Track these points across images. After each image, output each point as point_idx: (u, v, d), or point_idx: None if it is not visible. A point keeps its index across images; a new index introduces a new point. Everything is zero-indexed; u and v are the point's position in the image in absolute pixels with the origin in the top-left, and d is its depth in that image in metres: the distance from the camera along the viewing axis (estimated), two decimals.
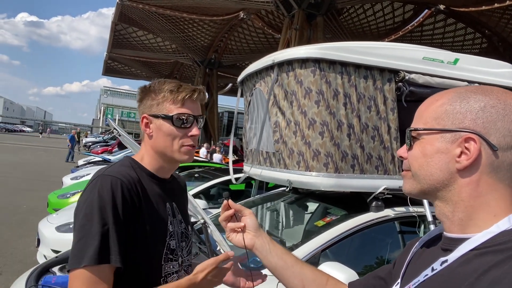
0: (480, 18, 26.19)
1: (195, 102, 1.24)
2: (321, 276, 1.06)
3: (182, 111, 1.20)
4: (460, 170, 0.72)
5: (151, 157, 1.26)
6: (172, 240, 1.23)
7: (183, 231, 1.31)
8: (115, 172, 1.16)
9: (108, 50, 37.33)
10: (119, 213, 1.08)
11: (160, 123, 1.21)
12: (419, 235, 2.82)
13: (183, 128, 1.21)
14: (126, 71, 47.60)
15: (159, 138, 1.22)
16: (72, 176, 9.53)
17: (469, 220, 0.72)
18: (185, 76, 46.26)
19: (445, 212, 0.75)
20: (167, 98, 1.20)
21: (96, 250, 1.03)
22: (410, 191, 0.80)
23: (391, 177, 2.72)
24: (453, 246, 0.73)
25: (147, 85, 1.26)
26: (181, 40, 32.90)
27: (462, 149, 0.71)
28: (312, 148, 2.57)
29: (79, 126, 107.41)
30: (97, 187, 1.10)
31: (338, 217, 2.72)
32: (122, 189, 1.10)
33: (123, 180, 1.13)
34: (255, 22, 29.38)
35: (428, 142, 0.75)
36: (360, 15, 28.23)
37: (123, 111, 76.62)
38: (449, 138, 0.73)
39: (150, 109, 1.23)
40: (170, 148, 1.21)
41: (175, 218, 1.28)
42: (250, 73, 3.19)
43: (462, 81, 2.86)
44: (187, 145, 1.23)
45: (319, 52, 2.55)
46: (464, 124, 0.71)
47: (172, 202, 1.29)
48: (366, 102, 2.65)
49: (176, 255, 1.24)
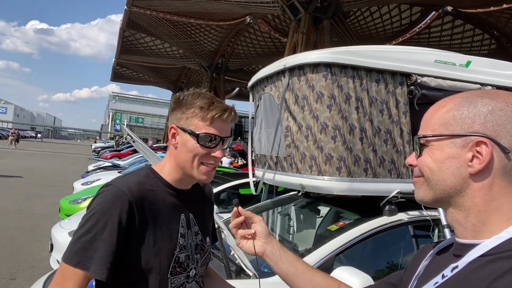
0: (488, 19, 26.00)
1: (225, 122, 1.21)
2: (332, 282, 1.06)
3: (209, 131, 1.18)
4: (472, 174, 0.71)
5: (173, 167, 1.24)
6: (182, 253, 1.21)
7: (199, 243, 1.29)
8: (125, 183, 1.15)
9: (117, 56, 37.75)
10: (115, 227, 1.07)
11: (186, 137, 1.19)
12: (433, 239, 2.80)
13: (207, 148, 1.19)
14: (134, 77, 48.05)
15: (182, 152, 1.21)
16: (82, 181, 9.62)
17: (482, 225, 0.72)
18: (192, 81, 46.53)
19: (458, 218, 0.75)
20: (196, 114, 1.18)
21: (76, 252, 1.06)
22: (423, 198, 0.80)
23: (404, 180, 2.70)
24: (464, 252, 0.72)
25: (181, 96, 1.24)
26: (188, 45, 33.14)
27: (474, 153, 0.71)
28: (325, 152, 2.57)
29: (88, 132, 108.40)
30: (102, 197, 1.12)
31: (351, 221, 2.71)
32: (123, 203, 1.10)
33: (127, 194, 1.11)
34: (262, 27, 29.49)
35: (438, 148, 0.75)
36: (366, 18, 28.18)
37: (131, 116, 77.22)
38: (460, 143, 0.73)
39: (179, 122, 1.21)
40: (190, 164, 1.20)
41: (189, 230, 1.26)
42: (260, 78, 3.21)
43: (475, 84, 2.84)
44: (207, 165, 1.21)
45: (330, 57, 2.56)
46: (474, 128, 0.71)
47: (189, 213, 1.28)
48: (378, 105, 2.65)
49: (184, 268, 1.22)
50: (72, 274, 1.06)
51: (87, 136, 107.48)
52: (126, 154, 21.01)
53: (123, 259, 1.11)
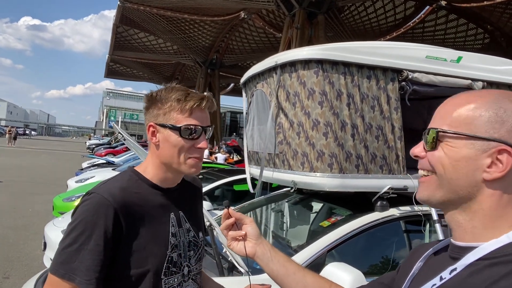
0: (482, 13, 26.07)
1: (204, 111, 1.18)
2: (324, 283, 1.04)
3: (190, 122, 1.15)
4: (487, 180, 0.69)
5: (156, 167, 1.21)
6: (174, 252, 1.19)
7: (191, 239, 1.27)
8: (107, 190, 1.12)
9: (110, 52, 37.48)
10: (101, 236, 1.05)
11: (167, 133, 1.16)
12: (424, 234, 2.82)
13: (191, 140, 1.16)
14: (128, 73, 47.76)
15: (165, 149, 1.17)
16: (76, 179, 9.57)
17: (483, 229, 0.71)
18: (187, 77, 46.34)
19: (459, 219, 0.73)
20: (174, 107, 1.15)
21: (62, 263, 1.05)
22: (429, 197, 0.76)
23: (395, 176, 2.71)
24: (461, 255, 0.71)
25: (154, 93, 1.20)
26: (183, 41, 32.97)
27: (493, 160, 0.68)
28: (316, 149, 2.57)
29: (82, 129, 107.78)
30: (85, 206, 1.09)
31: (343, 217, 2.72)
32: (107, 211, 1.07)
33: (111, 201, 1.08)
34: (256, 22, 29.38)
35: (456, 146, 0.71)
36: (361, 12, 28.16)
37: (126, 112, 76.89)
38: (480, 147, 0.69)
39: (157, 118, 1.18)
40: (177, 159, 1.17)
41: (181, 228, 1.24)
42: (252, 75, 3.20)
43: (466, 79, 2.86)
44: (193, 157, 1.18)
45: (321, 53, 2.55)
46: (500, 134, 0.68)
47: (178, 211, 1.26)
48: (370, 102, 2.65)
49: (178, 267, 1.20)
50: (59, 285, 1.04)
51: (81, 133, 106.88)
52: (120, 151, 20.90)
53: (113, 266, 1.08)
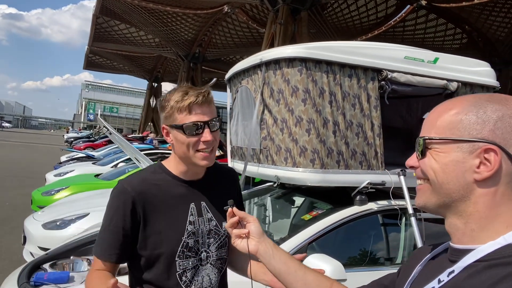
0: (460, 14, 26.69)
1: (203, 106, 1.27)
2: (325, 281, 1.06)
3: (190, 119, 1.25)
4: (478, 180, 0.71)
5: (177, 162, 1.36)
6: (191, 238, 1.33)
7: (213, 228, 1.39)
8: (129, 181, 1.32)
9: (89, 44, 36.66)
10: (120, 219, 1.26)
11: (175, 133, 1.29)
12: (400, 227, 2.95)
13: (195, 136, 1.27)
14: (108, 65, 46.81)
15: (177, 146, 1.31)
16: (55, 172, 9.41)
17: (481, 231, 0.72)
18: (168, 70, 45.78)
19: (457, 223, 0.75)
20: (174, 108, 1.26)
21: (97, 245, 1.32)
22: (426, 203, 0.79)
23: (374, 172, 2.83)
24: (459, 257, 0.73)
25: (161, 98, 1.34)
26: (165, 34, 32.53)
27: (481, 160, 0.70)
28: (299, 145, 2.65)
29: (59, 122, 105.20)
30: (112, 194, 1.32)
31: (324, 211, 2.82)
32: (126, 198, 1.26)
33: (130, 190, 1.28)
34: (240, 16, 29.25)
35: (444, 151, 0.74)
36: (343, 10, 28.40)
37: (105, 105, 75.48)
38: (467, 149, 0.71)
39: (165, 121, 1.31)
40: (188, 154, 1.29)
41: (201, 217, 1.37)
42: (237, 71, 3.25)
43: (442, 80, 2.99)
44: (202, 151, 1.29)
45: (305, 52, 2.63)
46: (483, 134, 0.70)
47: (200, 201, 1.38)
48: (351, 100, 2.75)
49: (194, 252, 1.34)
50: (96, 261, 1.31)
51: (58, 126, 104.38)
52: (100, 144, 20.59)
53: (135, 246, 1.30)
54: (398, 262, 2.86)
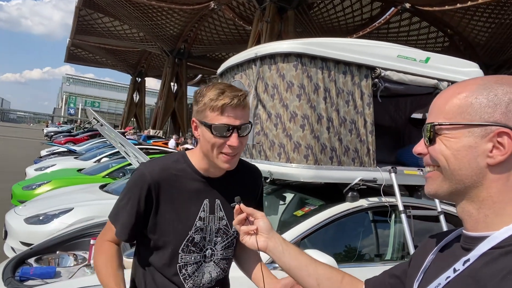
0: (443, 17, 27.27)
1: (236, 109, 1.22)
2: (336, 274, 1.04)
3: (220, 121, 1.22)
4: (491, 165, 0.69)
5: (200, 157, 1.34)
6: (197, 234, 1.32)
7: (222, 227, 1.38)
8: (150, 166, 1.33)
9: (72, 36, 35.92)
10: (135, 203, 1.29)
11: (203, 129, 1.27)
12: (390, 224, 2.98)
13: (222, 138, 1.23)
14: (91, 59, 45.97)
15: (203, 142, 1.29)
16: (36, 167, 9.18)
17: (495, 216, 0.70)
18: (153, 65, 45.26)
19: (470, 210, 0.73)
20: (207, 106, 1.23)
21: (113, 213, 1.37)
22: (437, 190, 0.77)
23: (366, 168, 2.85)
24: (473, 245, 0.71)
25: (198, 90, 1.32)
26: (149, 29, 32.13)
27: (494, 144, 0.68)
28: (293, 140, 2.65)
29: (39, 115, 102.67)
30: (133, 176, 1.34)
31: (316, 207, 2.82)
32: (143, 184, 1.28)
33: (148, 177, 1.29)
34: (226, 13, 29.13)
35: (454, 137, 0.72)
36: (329, 10, 28.65)
37: (87, 100, 74.01)
38: (479, 133, 0.69)
39: (196, 115, 1.29)
40: (211, 154, 1.27)
41: (212, 215, 1.36)
42: (230, 66, 3.22)
43: (433, 79, 3.03)
44: (225, 154, 1.26)
45: (301, 47, 2.62)
46: (495, 118, 0.68)
47: (215, 199, 1.36)
48: (345, 96, 2.76)
49: (199, 248, 1.34)
50: (110, 225, 1.36)
51: (38, 119, 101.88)
52: (81, 139, 20.21)
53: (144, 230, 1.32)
54: (387, 258, 2.90)
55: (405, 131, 4.25)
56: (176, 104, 36.71)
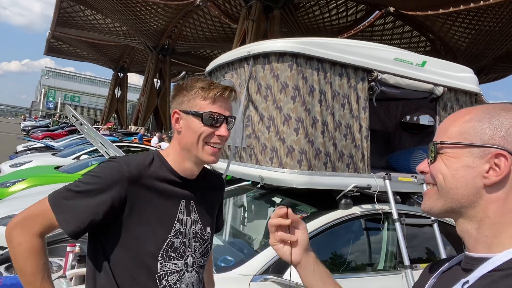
0: (425, 22, 27.81)
1: (227, 100, 1.24)
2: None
3: (212, 109, 1.20)
4: (487, 186, 0.71)
5: (177, 154, 1.26)
6: (177, 238, 1.22)
7: (198, 231, 1.30)
8: (128, 161, 1.19)
9: (52, 29, 34.96)
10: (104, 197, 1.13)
11: (190, 119, 1.21)
12: (383, 232, 2.89)
13: (212, 127, 1.21)
14: (71, 52, 44.93)
15: (186, 135, 1.22)
16: (11, 163, 8.81)
17: (494, 238, 0.71)
18: (135, 61, 44.55)
19: (469, 229, 0.74)
20: (198, 94, 1.21)
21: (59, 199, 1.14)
22: (431, 208, 0.78)
23: (360, 175, 2.74)
24: (474, 266, 0.71)
25: (181, 83, 1.28)
26: (133, 23, 31.57)
27: (491, 165, 0.70)
28: (287, 145, 2.52)
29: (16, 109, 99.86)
30: (106, 168, 1.17)
31: (308, 214, 2.71)
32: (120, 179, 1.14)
33: (126, 172, 1.15)
34: (211, 10, 28.88)
35: (455, 156, 0.74)
36: (315, 11, 28.81)
37: (66, 94, 72.27)
38: (478, 154, 0.72)
39: (181, 105, 1.23)
40: (196, 145, 1.21)
41: (189, 217, 1.27)
42: (220, 64, 3.07)
43: (429, 84, 2.95)
44: (212, 145, 1.22)
45: (297, 47, 2.49)
46: (494, 140, 0.71)
47: (190, 200, 1.29)
48: (340, 100, 2.65)
49: (179, 254, 1.22)
50: (46, 211, 1.13)
51: (15, 113, 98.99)
52: (60, 135, 19.63)
53: (113, 232, 1.16)
54: (380, 268, 2.81)
55: (396, 136, 4.19)
56: (159, 100, 36.23)
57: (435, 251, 2.95)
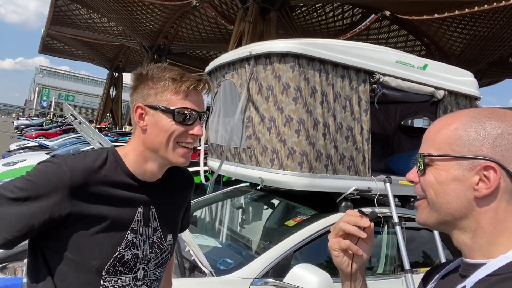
0: (421, 26, 27.96)
1: (200, 94, 1.10)
2: None
3: (185, 105, 1.05)
4: (478, 198, 0.71)
5: (138, 154, 1.10)
6: (128, 251, 1.08)
7: (156, 240, 1.16)
8: (73, 163, 1.02)
9: (47, 27, 34.73)
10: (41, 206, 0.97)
11: (158, 116, 1.05)
12: (382, 235, 2.87)
13: (184, 125, 1.06)
14: (66, 51, 44.63)
15: (154, 134, 1.06)
16: (4, 162, 8.70)
17: (490, 246, 0.71)
18: (131, 61, 44.34)
19: (464, 240, 0.75)
20: (168, 87, 1.05)
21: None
22: (426, 220, 0.78)
23: (361, 178, 2.72)
24: (471, 272, 0.72)
25: (144, 70, 1.09)
26: (129, 23, 31.43)
27: (481, 177, 0.70)
28: (288, 146, 2.49)
29: (9, 107, 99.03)
30: (43, 167, 1.01)
31: (308, 217, 2.68)
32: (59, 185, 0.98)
33: (68, 177, 0.99)
34: (208, 11, 28.83)
35: (444, 168, 0.73)
36: (312, 14, 28.86)
37: (60, 93, 71.79)
38: (466, 166, 0.71)
39: (147, 99, 1.07)
40: (165, 146, 1.06)
41: (146, 225, 1.13)
42: (221, 64, 3.04)
43: (430, 87, 2.94)
44: (184, 146, 1.08)
45: (299, 48, 2.47)
46: (482, 151, 0.70)
47: (150, 206, 1.14)
48: (342, 102, 2.63)
49: (129, 268, 1.09)
50: None
51: (8, 111, 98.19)
52: (54, 134, 19.47)
53: (54, 240, 1.02)
54: (379, 272, 2.79)
55: (394, 139, 4.19)
56: None
57: (434, 255, 2.93)
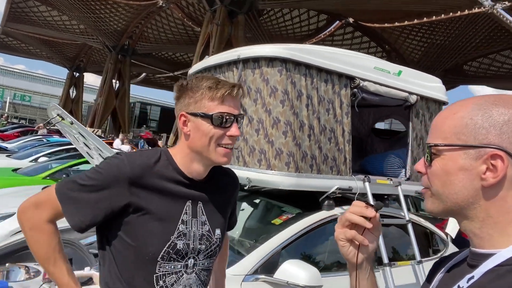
0: (382, 33, 29.09)
1: (235, 99, 1.22)
2: None
3: (221, 110, 1.18)
4: (485, 187, 0.69)
5: (185, 156, 1.24)
6: (180, 240, 1.20)
7: (205, 233, 1.28)
8: (133, 159, 1.19)
9: (2, 24, 33.03)
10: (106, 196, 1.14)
11: (199, 122, 1.18)
12: None
13: (222, 128, 1.18)
14: (23, 49, 42.56)
15: (196, 138, 1.20)
16: None
17: (500, 236, 0.70)
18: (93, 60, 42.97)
19: (472, 229, 0.73)
20: (205, 95, 1.18)
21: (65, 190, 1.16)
22: (433, 209, 0.77)
23: (343, 177, 2.87)
24: (479, 262, 0.70)
25: (184, 83, 1.24)
26: (91, 22, 30.50)
27: (488, 166, 0.68)
28: (275, 147, 2.59)
29: None
30: (111, 165, 1.18)
31: (293, 215, 2.78)
32: (121, 178, 1.15)
33: (129, 170, 1.16)
34: (175, 12, 28.53)
35: (450, 158, 0.72)
36: (279, 18, 29.27)
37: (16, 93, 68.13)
38: (473, 155, 0.69)
39: (188, 107, 1.20)
40: (207, 148, 1.19)
41: (195, 218, 1.26)
42: (208, 67, 3.09)
43: (404, 92, 3.14)
44: (224, 146, 1.20)
45: (287, 52, 2.58)
46: (489, 139, 0.68)
47: (198, 201, 1.27)
48: (325, 105, 2.76)
49: (181, 256, 1.21)
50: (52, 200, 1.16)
51: None
52: (12, 136, 18.50)
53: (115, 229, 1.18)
54: None
55: (368, 141, 4.39)
56: (117, 102, 35.08)
57: (409, 249, 3.13)
